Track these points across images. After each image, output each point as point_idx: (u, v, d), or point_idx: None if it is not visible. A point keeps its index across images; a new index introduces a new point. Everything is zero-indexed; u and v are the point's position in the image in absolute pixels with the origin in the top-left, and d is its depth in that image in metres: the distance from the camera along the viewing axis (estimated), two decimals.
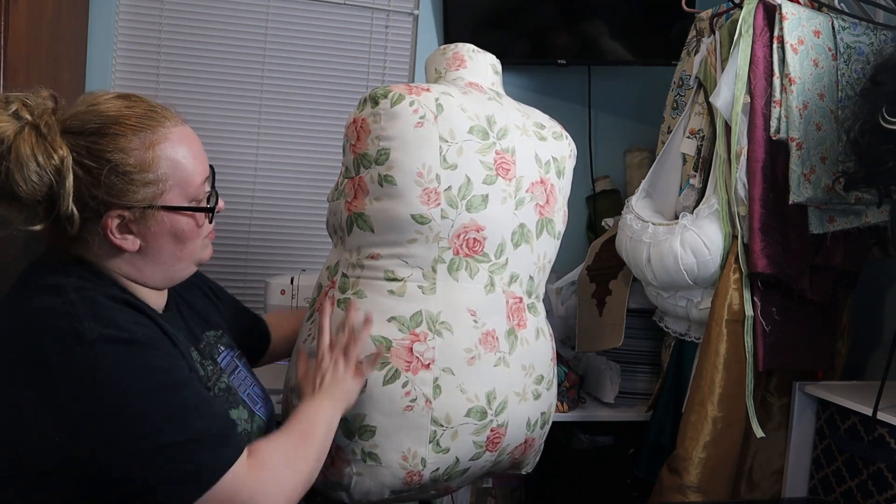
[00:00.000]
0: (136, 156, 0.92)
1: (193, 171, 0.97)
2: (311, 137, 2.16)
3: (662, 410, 1.69)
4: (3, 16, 1.38)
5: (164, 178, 0.94)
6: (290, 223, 2.17)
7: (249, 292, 2.14)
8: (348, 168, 1.22)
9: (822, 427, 1.51)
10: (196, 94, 2.08)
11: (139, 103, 0.96)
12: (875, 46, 1.49)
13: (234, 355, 1.16)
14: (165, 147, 0.94)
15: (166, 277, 1.01)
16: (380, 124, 1.17)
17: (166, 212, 0.95)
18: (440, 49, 1.37)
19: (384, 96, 1.18)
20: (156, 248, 0.97)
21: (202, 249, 1.04)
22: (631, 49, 2.15)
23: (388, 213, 1.16)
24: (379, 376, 1.14)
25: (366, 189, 1.18)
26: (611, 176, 2.26)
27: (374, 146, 1.17)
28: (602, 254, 1.86)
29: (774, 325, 1.48)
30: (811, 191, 1.43)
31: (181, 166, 0.96)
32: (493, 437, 1.22)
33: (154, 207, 0.94)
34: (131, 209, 0.92)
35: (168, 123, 0.96)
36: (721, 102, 1.48)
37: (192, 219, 0.98)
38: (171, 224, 0.96)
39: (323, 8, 2.14)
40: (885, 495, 1.33)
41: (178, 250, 0.99)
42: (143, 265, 0.97)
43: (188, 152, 0.97)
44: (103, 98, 0.95)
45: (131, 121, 0.93)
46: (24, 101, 0.90)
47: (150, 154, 0.93)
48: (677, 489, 1.49)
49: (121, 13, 2.02)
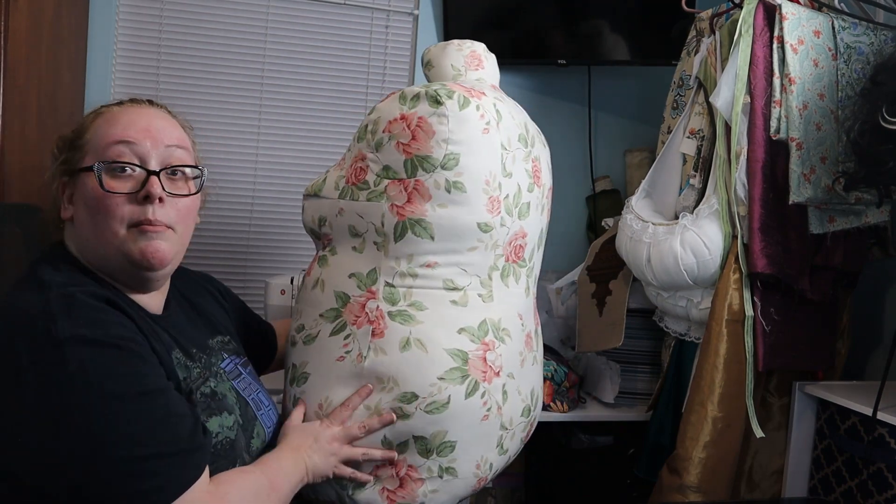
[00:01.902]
0: (77, 126, 0.99)
1: (109, 132, 0.97)
2: (311, 137, 2.16)
3: (662, 410, 1.69)
4: (3, 16, 1.38)
5: (88, 142, 0.97)
6: (290, 223, 2.17)
7: (249, 292, 2.14)
8: (390, 168, 1.12)
9: (822, 427, 1.51)
10: (196, 94, 2.08)
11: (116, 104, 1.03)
12: (875, 46, 1.49)
13: (239, 363, 1.13)
14: (103, 118, 0.98)
15: (99, 257, 0.95)
16: (447, 126, 1.10)
17: (79, 174, 0.96)
18: (454, 44, 1.31)
19: (448, 97, 1.11)
20: (78, 219, 0.97)
21: (132, 241, 0.94)
22: (631, 49, 2.15)
23: (453, 221, 1.11)
24: (461, 390, 1.11)
25: (427, 194, 1.11)
26: (611, 176, 2.26)
27: (439, 149, 1.10)
28: (602, 254, 1.86)
29: (774, 325, 1.48)
30: (811, 191, 1.43)
31: (103, 130, 0.97)
32: (530, 431, 1.31)
33: (72, 170, 0.97)
34: (64, 175, 0.98)
35: (127, 104, 1.01)
36: (721, 102, 1.47)
37: (90, 182, 0.94)
38: (82, 189, 0.96)
39: (323, 8, 2.14)
40: (885, 495, 1.33)
41: (93, 223, 0.94)
42: (77, 238, 0.98)
43: (118, 119, 0.98)
44: None
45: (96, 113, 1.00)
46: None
47: (86, 122, 0.99)
48: (677, 489, 1.49)
49: (121, 13, 2.02)
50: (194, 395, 0.97)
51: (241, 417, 1.03)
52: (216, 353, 1.09)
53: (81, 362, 0.81)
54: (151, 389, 0.86)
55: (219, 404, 1.00)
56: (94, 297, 0.88)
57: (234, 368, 1.11)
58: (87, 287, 0.90)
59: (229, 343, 1.15)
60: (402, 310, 1.12)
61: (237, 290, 2.13)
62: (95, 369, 0.82)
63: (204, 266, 2.10)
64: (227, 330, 1.17)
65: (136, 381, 0.85)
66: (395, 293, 1.12)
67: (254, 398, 1.10)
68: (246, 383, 1.11)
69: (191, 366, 1.00)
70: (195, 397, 0.97)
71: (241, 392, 1.07)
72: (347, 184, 1.16)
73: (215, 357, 1.08)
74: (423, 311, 1.12)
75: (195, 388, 0.98)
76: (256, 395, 1.11)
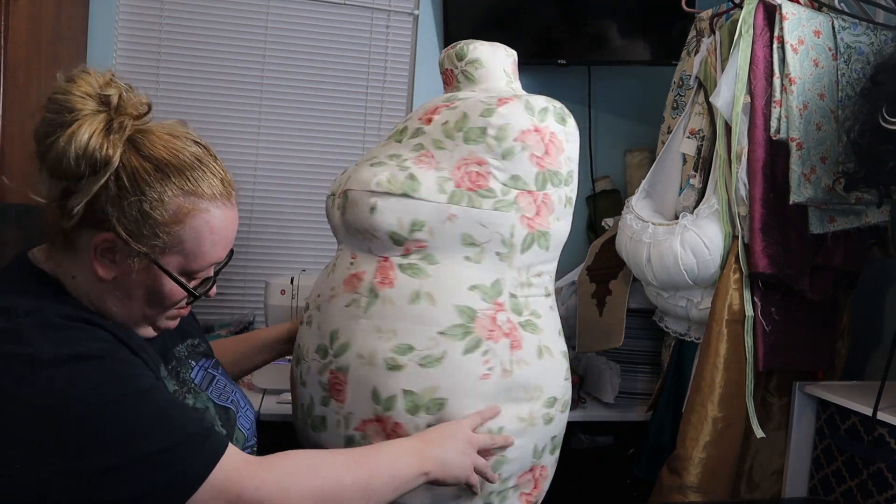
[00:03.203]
0: (169, 207, 0.87)
1: (207, 255, 0.92)
2: (311, 137, 2.17)
3: (662, 410, 1.69)
4: (3, 16, 1.38)
5: (177, 243, 0.89)
6: (290, 223, 2.17)
7: (249, 292, 2.15)
8: (519, 179, 1.10)
9: (822, 427, 1.51)
10: (196, 93, 2.08)
11: (210, 162, 0.92)
12: (875, 46, 1.49)
13: (209, 365, 1.11)
14: (200, 219, 0.90)
15: (124, 321, 0.93)
16: (571, 144, 1.15)
17: (156, 268, 0.90)
18: (501, 48, 1.28)
19: (569, 116, 1.17)
20: (127, 290, 0.90)
21: (167, 319, 0.97)
22: (631, 49, 2.15)
23: (562, 234, 1.17)
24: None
25: (552, 207, 1.13)
26: (611, 176, 2.26)
27: (565, 166, 1.14)
28: (602, 254, 1.86)
29: (774, 325, 1.48)
30: (811, 191, 1.43)
31: (200, 244, 0.91)
32: None
33: (149, 257, 0.88)
34: (128, 245, 0.87)
35: (219, 201, 0.92)
36: (721, 102, 1.48)
37: (176, 290, 0.92)
38: (153, 280, 0.90)
39: (323, 8, 2.14)
40: (885, 495, 1.33)
41: (145, 306, 0.92)
42: (108, 299, 0.91)
43: (216, 234, 0.92)
44: (183, 136, 0.91)
45: (189, 172, 0.89)
46: (122, 92, 0.87)
47: (182, 215, 0.88)
48: (677, 489, 1.49)
49: (121, 13, 2.02)
50: None
51: (222, 427, 1.00)
52: (184, 364, 1.05)
53: (67, 381, 0.79)
54: (145, 387, 0.85)
55: None
56: (68, 318, 0.85)
57: (205, 375, 1.08)
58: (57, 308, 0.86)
59: (199, 345, 1.12)
60: (528, 319, 1.13)
61: (237, 289, 2.15)
62: (83, 383, 0.80)
63: None
64: (195, 330, 1.14)
65: (128, 382, 0.84)
66: (518, 303, 1.12)
67: (232, 400, 1.07)
68: (220, 388, 1.08)
69: (171, 383, 0.97)
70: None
71: (217, 400, 1.04)
72: (460, 188, 1.09)
73: (183, 368, 1.04)
74: (540, 318, 1.15)
75: None
76: (234, 396, 1.08)
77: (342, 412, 1.11)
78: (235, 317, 2.10)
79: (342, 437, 1.11)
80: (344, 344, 1.10)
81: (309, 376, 1.16)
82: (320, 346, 1.14)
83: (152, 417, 0.83)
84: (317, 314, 1.17)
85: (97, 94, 0.85)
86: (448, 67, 1.27)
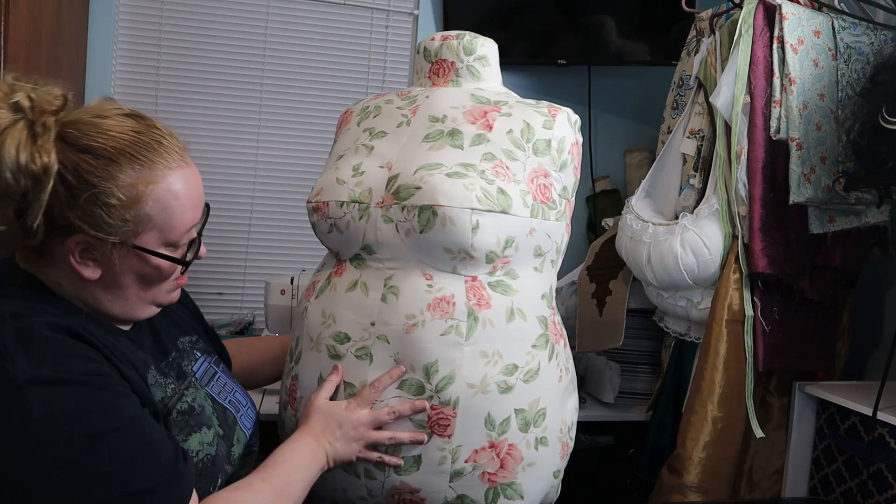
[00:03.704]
0: (125, 190, 0.84)
1: (179, 219, 0.89)
2: (311, 137, 2.17)
3: (662, 410, 1.69)
4: (3, 16, 1.38)
5: (146, 220, 0.86)
6: (290, 223, 2.17)
7: (249, 292, 2.15)
8: (567, 189, 1.16)
9: (822, 427, 1.51)
10: (196, 93, 2.08)
11: (149, 131, 0.88)
12: (875, 46, 1.49)
13: (212, 361, 1.09)
14: (159, 188, 0.86)
15: (123, 314, 0.92)
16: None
17: (137, 251, 0.87)
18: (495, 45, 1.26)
19: None
20: (117, 283, 0.88)
21: (167, 293, 0.95)
22: (631, 49, 2.15)
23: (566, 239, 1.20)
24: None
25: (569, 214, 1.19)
26: (611, 176, 2.26)
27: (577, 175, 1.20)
28: (602, 254, 1.86)
29: (774, 325, 1.48)
30: (811, 191, 1.43)
31: (168, 211, 0.87)
32: None
33: (126, 244, 0.86)
34: (101, 240, 0.84)
35: (172, 162, 0.88)
36: (721, 102, 1.48)
37: (164, 264, 0.90)
38: (138, 265, 0.88)
39: (323, 8, 2.14)
40: (885, 495, 1.33)
41: (141, 291, 0.91)
42: (101, 296, 0.89)
43: (182, 198, 0.89)
44: (113, 113, 0.87)
45: (133, 149, 0.85)
46: (30, 93, 0.81)
47: (140, 192, 0.85)
48: (677, 489, 1.49)
49: (121, 13, 2.02)
50: (172, 415, 0.92)
51: (220, 427, 0.99)
52: (188, 355, 1.04)
53: (45, 405, 0.76)
54: (125, 423, 0.81)
55: (197, 420, 0.96)
56: (54, 328, 0.81)
57: (207, 369, 1.06)
58: (43, 317, 0.82)
59: (198, 342, 1.10)
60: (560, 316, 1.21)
61: (237, 289, 2.15)
62: (62, 411, 0.76)
63: (204, 266, 2.11)
64: (193, 329, 1.12)
65: (108, 416, 0.80)
66: (554, 302, 1.20)
67: (231, 400, 1.06)
68: (220, 385, 1.06)
69: (164, 382, 0.95)
70: (172, 416, 0.92)
71: (217, 397, 1.03)
72: (535, 201, 1.09)
73: (187, 360, 1.03)
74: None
75: (172, 406, 0.93)
76: (233, 396, 1.07)
77: (449, 447, 1.06)
78: (235, 317, 2.10)
79: (448, 474, 1.06)
80: (447, 376, 1.05)
81: None
82: (408, 382, 1.06)
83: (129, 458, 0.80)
84: (384, 346, 1.07)
85: (6, 104, 0.80)
86: (448, 59, 1.22)
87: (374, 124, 1.20)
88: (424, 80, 1.24)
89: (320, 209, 1.13)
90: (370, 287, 1.09)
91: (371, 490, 1.09)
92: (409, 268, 1.08)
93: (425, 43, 1.24)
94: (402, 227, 1.06)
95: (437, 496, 1.07)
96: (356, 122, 1.24)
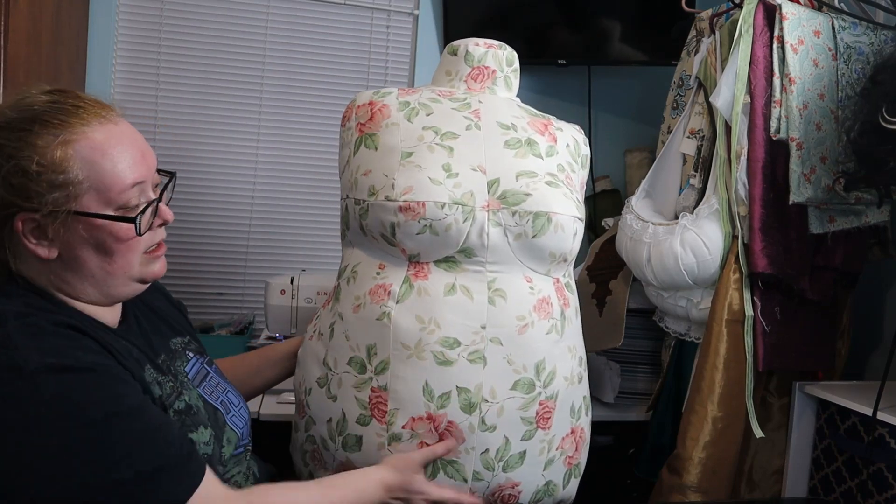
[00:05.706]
0: (43, 154, 0.82)
1: (112, 175, 0.86)
2: (311, 137, 2.17)
3: (662, 410, 1.69)
4: (3, 16, 1.38)
5: (77, 181, 0.83)
6: (290, 223, 2.17)
7: (249, 292, 2.15)
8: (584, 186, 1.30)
9: (822, 427, 1.51)
10: (196, 93, 2.08)
11: (68, 98, 0.87)
12: (875, 46, 1.49)
13: (204, 361, 1.10)
14: (81, 146, 0.84)
15: (101, 293, 0.90)
16: None
17: (81, 218, 0.85)
18: None
19: None
20: (76, 259, 0.87)
21: (144, 264, 0.92)
22: (631, 49, 2.15)
23: None
24: None
25: None
26: (611, 176, 2.26)
27: None
28: (602, 254, 1.86)
29: (774, 325, 1.48)
30: (811, 191, 1.43)
31: (99, 168, 0.85)
32: None
33: (63, 212, 0.83)
34: (41, 212, 0.83)
35: (94, 121, 0.86)
36: (721, 102, 1.47)
37: (116, 228, 0.87)
38: (88, 233, 0.86)
39: (323, 8, 2.14)
40: (885, 495, 1.33)
41: (105, 263, 0.88)
42: (69, 278, 0.88)
43: (112, 153, 0.86)
44: (33, 92, 0.87)
45: (47, 116, 0.84)
46: None
47: (61, 153, 0.83)
48: (677, 489, 1.49)
49: (121, 13, 2.02)
50: (169, 413, 0.93)
51: (213, 428, 1.00)
52: (180, 356, 1.04)
53: (56, 392, 0.78)
54: (135, 406, 0.84)
55: (193, 419, 0.96)
56: (57, 324, 0.83)
57: (200, 370, 1.07)
58: (45, 314, 0.84)
59: (191, 343, 1.10)
60: None
61: (237, 289, 2.15)
62: (72, 397, 0.79)
63: (204, 266, 2.11)
64: (185, 330, 1.12)
65: (118, 401, 0.82)
66: None
67: (222, 400, 1.06)
68: (213, 385, 1.07)
69: (163, 381, 0.95)
70: (169, 415, 0.93)
71: (208, 398, 1.03)
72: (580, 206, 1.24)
73: (180, 360, 1.03)
74: None
75: (170, 404, 0.94)
76: (225, 396, 1.07)
77: (547, 438, 1.14)
78: (235, 317, 2.10)
79: (543, 464, 1.14)
80: (551, 372, 1.13)
81: (501, 419, 1.09)
82: (521, 381, 1.10)
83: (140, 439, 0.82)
84: (497, 348, 1.08)
85: None
86: (491, 66, 1.24)
87: (436, 123, 1.15)
88: (459, 82, 1.24)
89: (413, 209, 1.05)
90: (472, 290, 1.09)
91: (475, 491, 1.12)
92: (512, 271, 1.11)
93: (468, 47, 1.24)
94: (511, 231, 1.09)
95: (532, 486, 1.14)
96: (404, 117, 1.16)
